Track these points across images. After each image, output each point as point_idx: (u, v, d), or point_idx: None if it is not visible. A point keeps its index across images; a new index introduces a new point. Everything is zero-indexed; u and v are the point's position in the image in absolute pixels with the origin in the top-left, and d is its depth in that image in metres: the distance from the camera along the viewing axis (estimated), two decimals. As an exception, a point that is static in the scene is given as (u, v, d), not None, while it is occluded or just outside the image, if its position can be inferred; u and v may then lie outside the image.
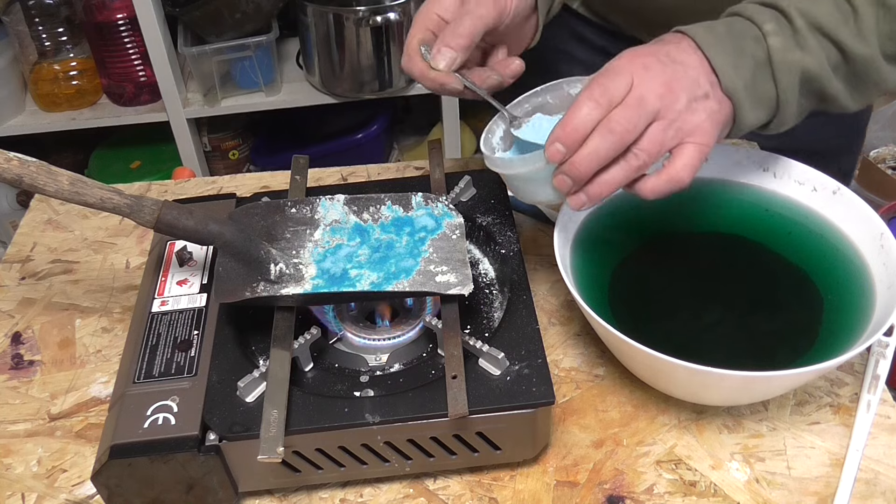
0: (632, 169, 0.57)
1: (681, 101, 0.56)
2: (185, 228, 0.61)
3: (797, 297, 0.67)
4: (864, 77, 0.61)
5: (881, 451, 0.62)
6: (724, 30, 0.59)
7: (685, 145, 0.58)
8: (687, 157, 0.58)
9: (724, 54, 0.58)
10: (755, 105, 0.59)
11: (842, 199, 0.70)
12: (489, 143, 0.66)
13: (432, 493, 0.61)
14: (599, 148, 0.56)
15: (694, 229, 0.73)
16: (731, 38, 0.59)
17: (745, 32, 0.59)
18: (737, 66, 0.58)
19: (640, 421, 0.65)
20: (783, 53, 0.58)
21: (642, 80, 0.56)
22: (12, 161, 0.57)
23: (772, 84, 0.59)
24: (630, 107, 0.55)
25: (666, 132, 0.57)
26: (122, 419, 0.57)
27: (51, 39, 1.72)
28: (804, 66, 0.59)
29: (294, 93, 1.78)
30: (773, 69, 0.59)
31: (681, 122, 0.57)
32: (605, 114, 0.56)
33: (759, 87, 0.59)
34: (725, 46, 0.58)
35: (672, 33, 0.61)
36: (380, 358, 0.64)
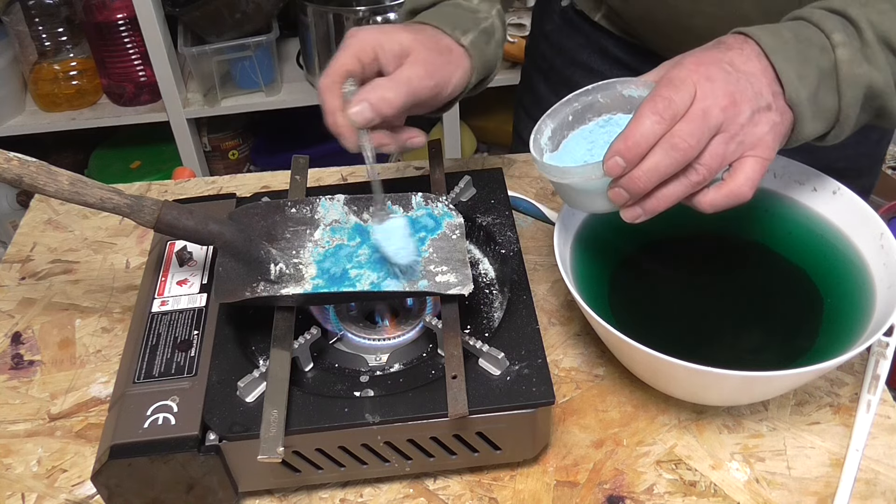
0: (691, 184, 0.56)
1: (744, 113, 0.55)
2: (185, 228, 0.61)
3: (797, 297, 0.67)
4: None
5: (881, 451, 0.62)
6: (791, 35, 0.57)
7: (746, 159, 0.56)
8: (749, 171, 0.56)
9: (789, 62, 0.56)
10: (816, 117, 0.57)
11: (842, 199, 0.70)
12: (538, 145, 0.63)
13: (432, 493, 0.61)
14: (661, 164, 0.54)
15: (694, 229, 0.73)
16: (797, 45, 0.56)
17: (811, 40, 0.57)
18: (802, 76, 0.56)
19: (640, 421, 0.65)
20: (850, 66, 0.56)
21: (706, 93, 0.54)
22: (12, 161, 0.57)
23: (835, 97, 0.57)
24: (694, 121, 0.54)
25: (728, 146, 0.55)
26: (122, 419, 0.57)
27: (51, 39, 1.72)
28: (871, 81, 0.57)
29: (294, 93, 1.78)
30: (838, 82, 0.57)
31: (743, 135, 0.55)
32: (668, 128, 0.54)
33: (822, 100, 0.57)
34: (790, 53, 0.56)
35: (734, 35, 0.58)
36: (380, 358, 0.64)
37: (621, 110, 0.62)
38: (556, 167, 0.59)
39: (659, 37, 0.59)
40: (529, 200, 0.83)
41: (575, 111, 0.64)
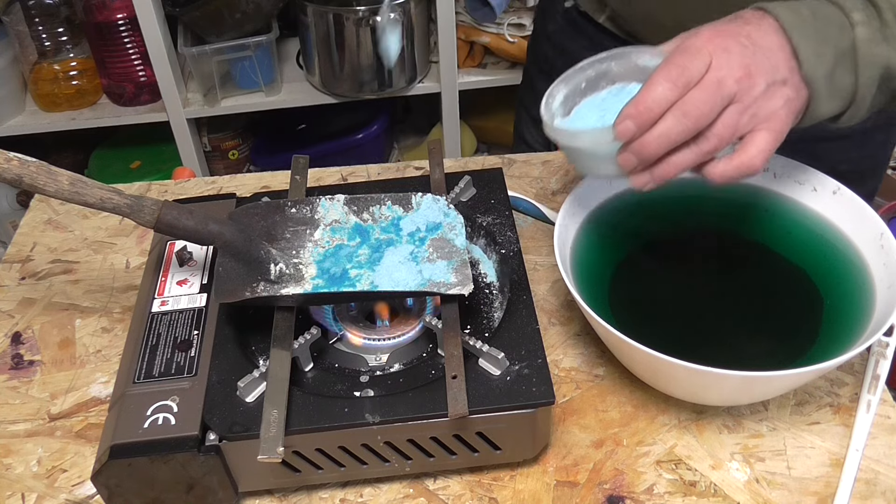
0: (702, 153, 0.56)
1: (759, 86, 0.55)
2: (185, 228, 0.61)
3: (797, 297, 0.67)
4: None
5: (881, 451, 0.62)
6: (809, 13, 0.57)
7: (759, 132, 0.56)
8: (761, 144, 0.56)
9: (807, 39, 0.55)
10: (832, 96, 0.57)
11: (842, 199, 0.70)
12: (549, 109, 0.62)
13: (432, 493, 0.61)
14: (672, 130, 0.54)
15: (694, 229, 0.73)
16: (815, 23, 0.56)
17: (830, 18, 0.56)
18: (819, 54, 0.55)
19: (640, 421, 0.65)
20: (869, 46, 0.56)
21: (721, 63, 0.54)
22: (12, 161, 0.57)
23: (852, 76, 0.57)
24: (707, 89, 0.54)
25: (741, 117, 0.55)
26: (122, 419, 0.57)
27: (51, 39, 1.72)
28: (889, 61, 0.56)
29: (294, 93, 1.78)
30: (856, 61, 0.56)
31: (756, 107, 0.55)
32: (681, 95, 0.54)
33: (838, 78, 0.57)
34: (809, 31, 0.56)
35: (752, 10, 0.58)
36: (380, 358, 0.64)
37: (635, 79, 0.62)
38: (566, 130, 0.59)
39: (663, 39, 0.58)
40: (529, 200, 0.83)
41: (588, 78, 0.63)
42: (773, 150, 0.57)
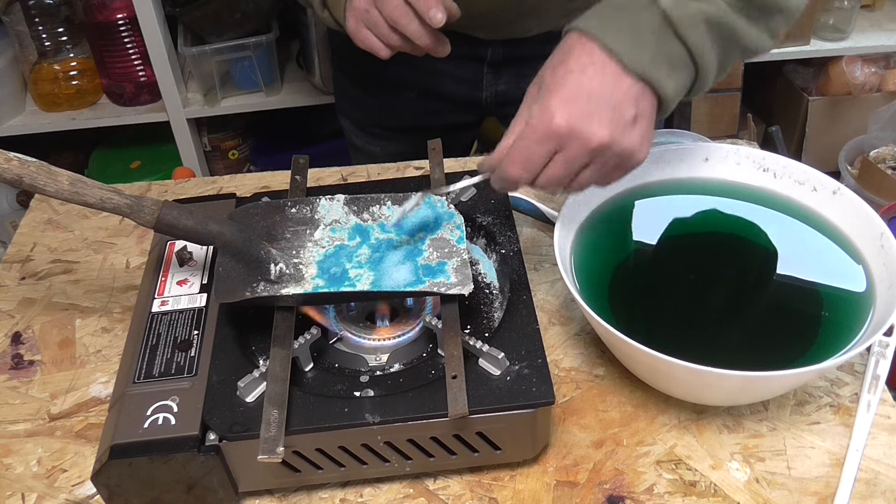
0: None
1: (611, 150, 0.57)
2: (185, 228, 0.61)
3: (797, 297, 0.67)
4: (764, 6, 0.60)
5: (881, 451, 0.62)
6: (611, 9, 0.58)
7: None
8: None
9: (619, 33, 0.56)
10: (671, 72, 0.58)
11: (842, 199, 0.70)
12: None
13: (432, 493, 0.61)
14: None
15: (694, 229, 0.73)
16: (619, 15, 0.58)
17: (633, 4, 0.58)
18: (637, 42, 0.56)
19: (640, 421, 0.65)
20: (679, 9, 0.57)
21: (571, 148, 0.57)
22: (12, 161, 0.57)
23: (679, 44, 0.58)
24: (559, 167, 0.58)
25: (601, 171, 0.59)
26: (122, 419, 0.57)
27: (51, 39, 1.71)
28: (705, 13, 0.57)
29: (294, 93, 1.78)
30: (674, 29, 0.57)
31: (614, 164, 0.59)
32: (533, 178, 0.59)
33: (667, 53, 0.57)
34: (618, 25, 0.57)
35: (575, 37, 0.58)
36: (380, 358, 0.64)
37: None
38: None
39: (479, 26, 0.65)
40: (529, 200, 0.83)
41: None
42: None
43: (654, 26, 0.57)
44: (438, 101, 1.00)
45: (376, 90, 1.02)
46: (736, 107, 1.88)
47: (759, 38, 0.61)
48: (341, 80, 1.09)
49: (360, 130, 1.09)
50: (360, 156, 1.10)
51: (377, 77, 0.78)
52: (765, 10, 0.60)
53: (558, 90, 0.56)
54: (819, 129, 1.93)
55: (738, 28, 0.59)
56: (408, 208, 0.65)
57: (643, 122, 0.58)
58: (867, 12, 1.86)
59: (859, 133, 1.88)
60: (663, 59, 0.57)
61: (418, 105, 1.01)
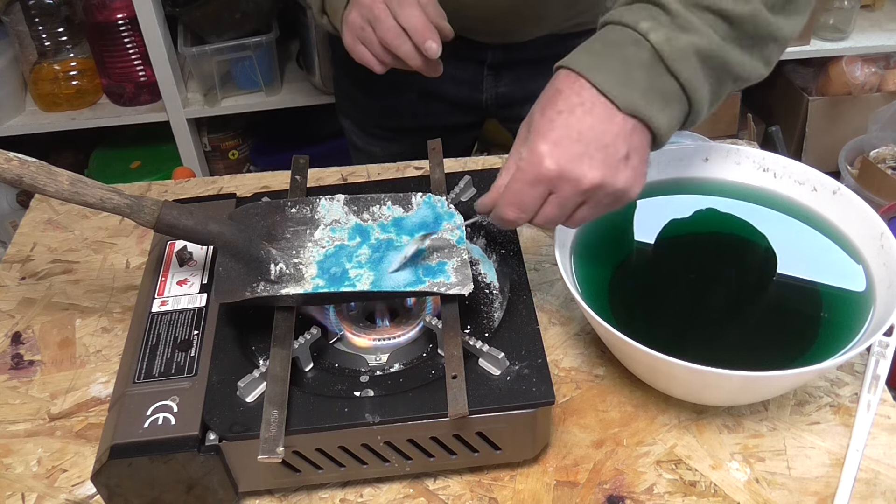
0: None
1: (604, 190, 0.57)
2: (185, 228, 0.61)
3: (797, 297, 0.67)
4: (756, 36, 0.58)
5: (881, 451, 0.62)
6: (601, 46, 0.57)
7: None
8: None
9: (611, 73, 0.55)
10: (664, 108, 0.57)
11: (842, 199, 0.70)
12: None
13: (432, 493, 0.61)
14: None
15: (694, 229, 0.73)
16: (609, 51, 0.57)
17: (622, 40, 0.57)
18: (626, 81, 0.55)
19: (640, 421, 0.65)
20: (669, 44, 0.56)
21: (563, 190, 0.57)
22: (12, 161, 0.57)
23: (671, 79, 0.56)
24: (553, 208, 0.58)
25: (595, 210, 0.59)
26: (122, 419, 0.57)
27: (51, 39, 1.71)
28: (696, 46, 0.56)
29: (294, 93, 1.78)
30: (665, 64, 0.56)
31: (608, 203, 0.59)
32: (528, 219, 0.59)
33: (659, 88, 0.56)
34: (608, 64, 0.56)
35: (564, 75, 0.57)
36: (380, 358, 0.64)
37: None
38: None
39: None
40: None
41: None
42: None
43: (644, 62, 0.56)
44: (439, 103, 1.00)
45: (377, 91, 1.02)
46: (736, 107, 1.88)
47: (752, 67, 0.60)
48: (342, 81, 1.09)
49: (360, 131, 1.09)
50: (360, 156, 1.11)
51: (378, 78, 0.78)
52: (758, 40, 0.59)
53: (547, 132, 0.56)
54: (819, 129, 1.93)
55: (731, 59, 0.58)
56: (408, 254, 0.63)
57: (635, 158, 0.57)
58: (867, 12, 1.86)
59: (859, 133, 1.88)
60: (655, 94, 0.56)
61: (419, 106, 1.01)
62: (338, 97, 1.12)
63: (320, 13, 0.81)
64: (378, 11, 0.72)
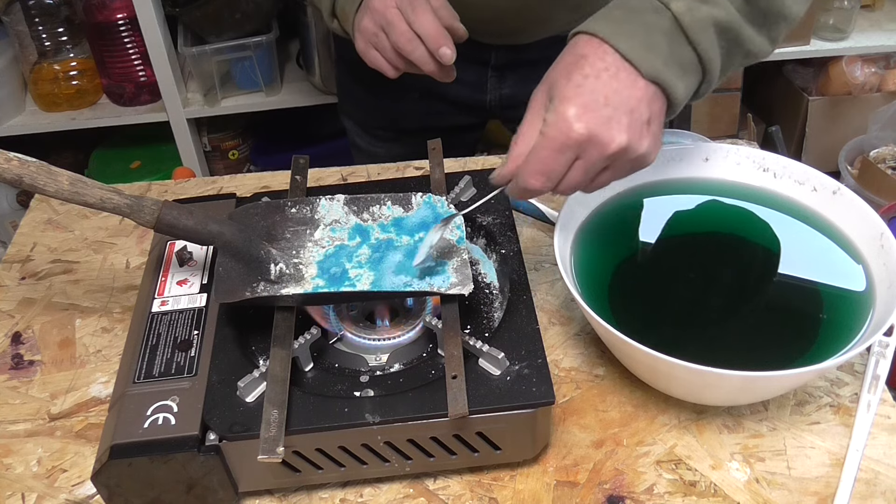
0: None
1: (629, 153, 0.57)
2: (185, 228, 0.61)
3: (797, 297, 0.67)
4: (769, 12, 0.61)
5: (881, 451, 0.62)
6: (622, 13, 0.58)
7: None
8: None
9: (632, 38, 0.57)
10: (682, 76, 0.58)
11: (842, 199, 0.70)
12: None
13: (432, 493, 0.61)
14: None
15: (694, 230, 0.73)
16: (631, 18, 0.58)
17: (642, 7, 0.58)
18: (649, 47, 0.57)
19: (640, 421, 0.65)
20: (690, 14, 0.57)
21: (590, 154, 0.57)
22: (12, 161, 0.57)
23: (689, 48, 0.58)
24: (577, 173, 0.58)
25: (616, 172, 0.60)
26: (122, 419, 0.57)
27: (51, 39, 1.72)
28: (715, 18, 0.58)
29: (294, 93, 1.78)
30: (685, 33, 0.58)
31: (632, 166, 0.59)
32: (553, 187, 0.59)
33: (679, 57, 0.58)
34: (630, 29, 0.57)
35: (585, 40, 0.58)
36: (380, 358, 0.64)
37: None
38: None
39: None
40: (529, 200, 0.83)
41: None
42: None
43: (665, 30, 0.57)
44: (442, 104, 1.00)
45: (380, 92, 1.02)
46: (736, 107, 1.88)
47: (761, 44, 0.62)
48: (345, 81, 1.09)
49: (363, 131, 1.09)
50: (362, 156, 1.11)
51: (381, 79, 0.78)
52: (770, 16, 0.61)
53: (575, 97, 0.56)
54: (819, 129, 1.93)
55: (744, 33, 0.60)
56: (433, 241, 0.63)
57: (655, 124, 0.58)
58: (867, 12, 1.86)
59: (859, 133, 1.88)
60: (675, 62, 0.58)
61: (422, 107, 1.01)
62: (340, 97, 1.12)
63: (330, 17, 0.81)
64: (391, 17, 0.72)
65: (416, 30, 0.72)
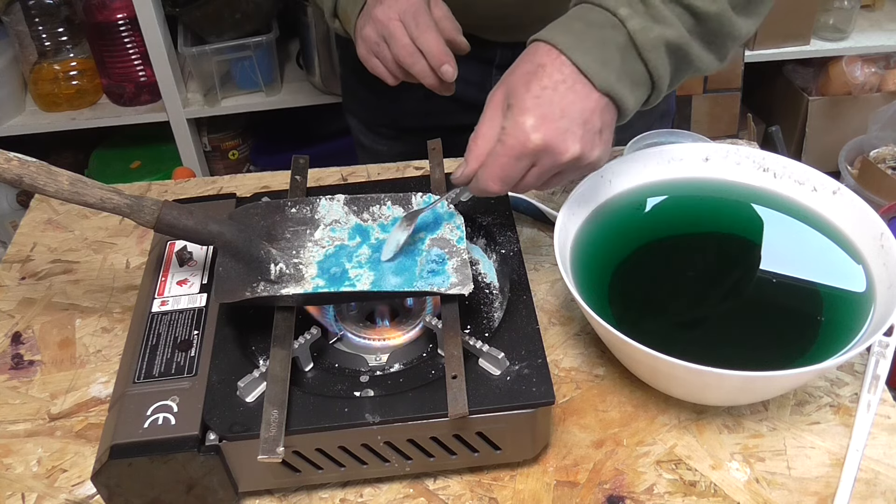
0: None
1: (584, 160, 0.60)
2: (185, 228, 0.61)
3: (797, 297, 0.67)
4: (718, 33, 0.63)
5: (881, 451, 0.62)
6: (582, 25, 0.60)
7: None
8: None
9: (589, 53, 0.59)
10: (633, 89, 0.61)
11: (842, 199, 0.70)
12: None
13: (432, 493, 0.61)
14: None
15: (694, 230, 0.73)
16: (589, 32, 0.60)
17: (602, 22, 0.60)
18: (604, 61, 0.59)
19: (640, 421, 0.65)
20: (644, 33, 0.60)
21: (544, 162, 0.59)
22: (12, 161, 0.57)
23: (641, 64, 0.61)
24: (534, 178, 0.61)
25: (568, 178, 0.63)
26: (122, 419, 0.57)
27: (51, 39, 1.72)
28: (666, 38, 0.60)
29: (294, 93, 1.78)
30: (638, 50, 0.60)
31: (582, 171, 0.62)
32: (508, 189, 0.61)
33: (630, 72, 0.60)
34: (587, 44, 0.59)
35: (543, 49, 0.60)
36: (380, 358, 0.64)
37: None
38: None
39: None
40: (529, 200, 0.83)
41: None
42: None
43: (620, 46, 0.60)
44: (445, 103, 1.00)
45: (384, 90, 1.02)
46: (736, 107, 1.88)
47: (710, 62, 0.65)
48: (349, 80, 1.09)
49: (367, 129, 1.09)
50: (366, 154, 1.11)
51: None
52: (719, 36, 0.63)
53: (533, 108, 0.58)
54: (819, 129, 1.93)
55: (693, 52, 0.62)
56: (401, 241, 0.65)
57: (606, 132, 0.61)
58: (867, 12, 1.86)
59: (859, 133, 1.88)
60: (626, 77, 0.60)
61: (425, 106, 1.01)
62: (344, 95, 1.12)
63: (332, 17, 0.81)
64: (393, 28, 0.72)
65: (419, 46, 0.72)
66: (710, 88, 1.83)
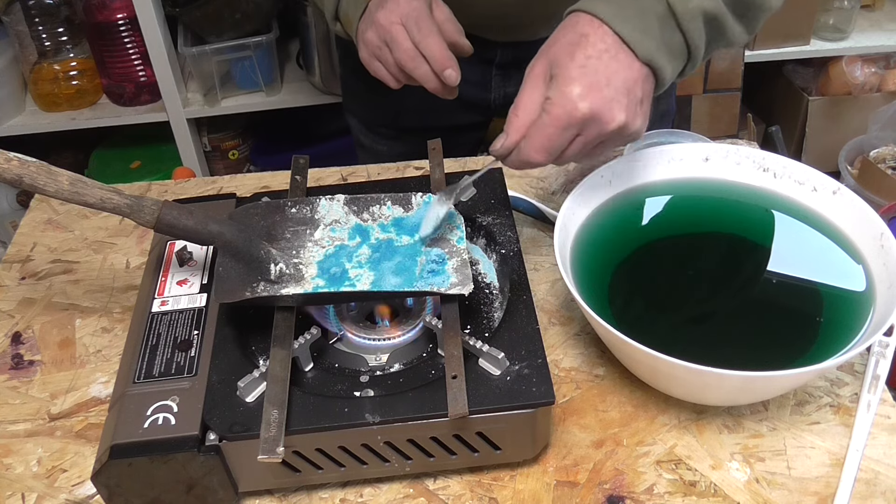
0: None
1: (626, 131, 0.60)
2: (185, 228, 0.61)
3: (797, 297, 0.67)
4: (751, 5, 0.64)
5: (881, 451, 0.62)
6: None
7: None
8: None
9: (629, 21, 0.59)
10: (671, 59, 0.62)
11: (842, 199, 0.70)
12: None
13: (432, 493, 0.61)
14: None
15: (694, 229, 0.73)
16: (630, 2, 0.60)
17: None
18: (644, 30, 0.60)
19: (640, 421, 0.65)
20: (683, 3, 0.60)
21: (590, 131, 0.60)
22: (12, 161, 0.57)
23: (679, 34, 0.62)
24: (578, 147, 0.61)
25: (608, 145, 0.63)
26: (122, 419, 0.57)
27: (51, 39, 1.72)
28: (704, 7, 0.61)
29: (294, 93, 1.78)
30: (677, 20, 0.61)
31: (624, 139, 0.62)
32: (553, 160, 0.61)
33: (669, 41, 0.61)
34: (627, 12, 0.60)
35: (585, 17, 0.60)
36: (380, 358, 0.64)
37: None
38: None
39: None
40: (529, 200, 0.83)
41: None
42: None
43: (659, 15, 0.60)
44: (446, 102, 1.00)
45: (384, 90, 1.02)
46: (736, 107, 1.88)
47: (739, 34, 0.66)
48: (349, 79, 1.09)
49: (367, 129, 1.09)
50: (366, 154, 1.11)
51: None
52: (752, 8, 0.64)
53: (580, 77, 0.58)
54: (819, 129, 1.93)
55: (728, 23, 0.63)
56: (441, 214, 0.65)
57: (646, 103, 0.62)
58: (867, 12, 1.86)
59: (859, 133, 1.88)
60: (665, 46, 0.61)
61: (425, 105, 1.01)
62: (345, 95, 1.12)
63: (333, 20, 0.81)
64: (395, 33, 0.72)
65: (421, 50, 0.72)
66: (710, 88, 1.83)
